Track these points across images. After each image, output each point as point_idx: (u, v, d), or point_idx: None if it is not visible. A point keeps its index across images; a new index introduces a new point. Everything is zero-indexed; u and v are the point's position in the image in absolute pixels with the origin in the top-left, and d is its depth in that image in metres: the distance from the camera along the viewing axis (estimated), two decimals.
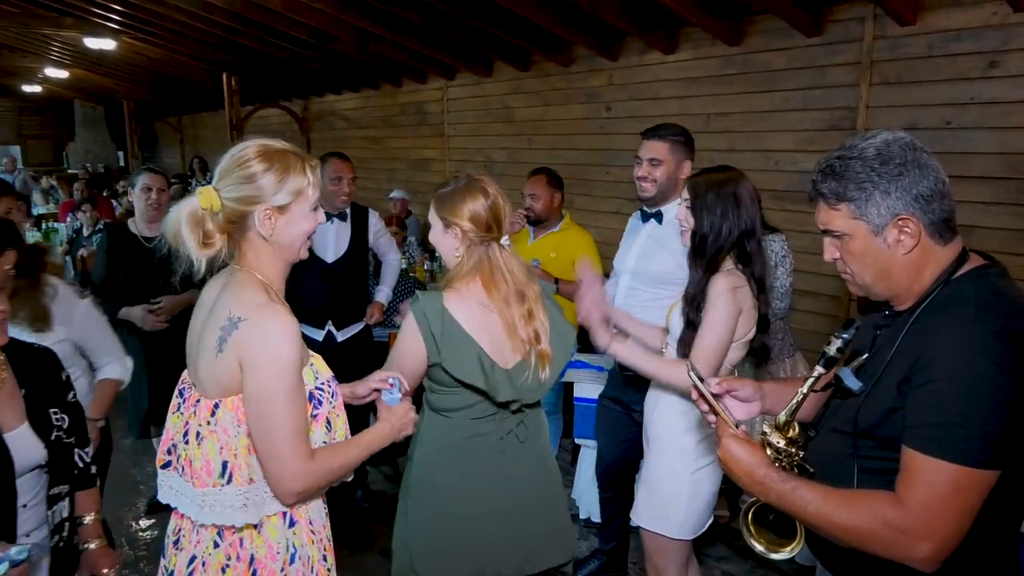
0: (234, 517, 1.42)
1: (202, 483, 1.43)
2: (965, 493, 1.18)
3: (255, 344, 1.38)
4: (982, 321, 1.21)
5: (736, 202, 2.14)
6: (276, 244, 1.47)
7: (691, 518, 2.24)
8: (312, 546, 1.51)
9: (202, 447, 1.44)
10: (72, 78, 13.43)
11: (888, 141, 1.32)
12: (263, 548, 1.45)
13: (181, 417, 1.51)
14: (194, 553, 1.48)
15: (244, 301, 1.41)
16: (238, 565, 1.43)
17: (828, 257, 1.42)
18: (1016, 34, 3.45)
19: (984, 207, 3.63)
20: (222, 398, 1.44)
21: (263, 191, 1.42)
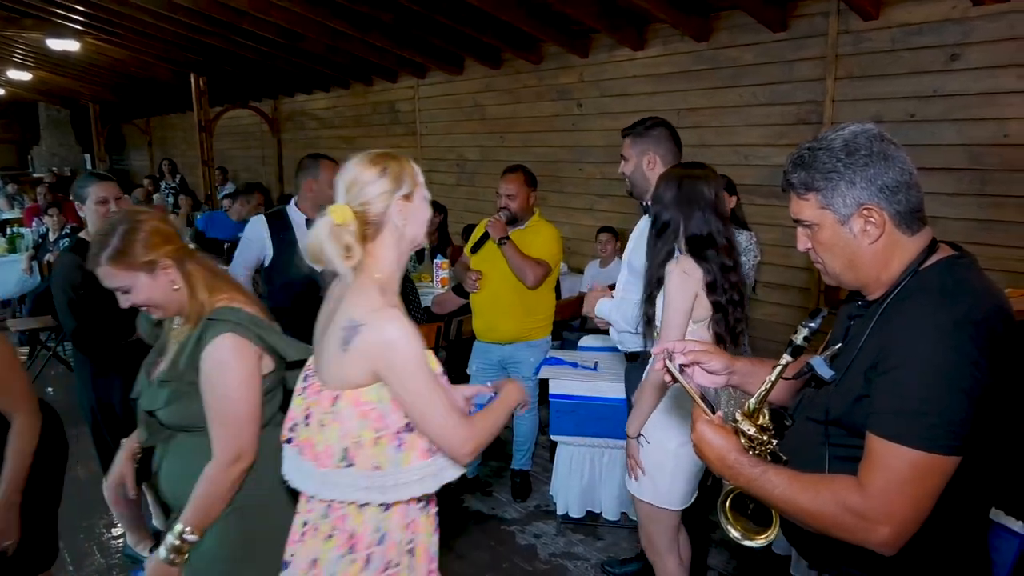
0: (355, 495, 1.61)
1: (323, 464, 1.61)
2: (924, 478, 1.19)
3: (384, 353, 1.54)
4: (945, 310, 1.22)
5: (689, 201, 2.26)
6: (408, 232, 1.67)
7: (676, 489, 2.38)
8: (401, 531, 1.67)
9: (324, 433, 1.61)
10: (35, 80, 13.15)
11: (856, 132, 1.34)
12: (361, 526, 1.64)
13: (304, 400, 1.68)
14: (307, 519, 1.69)
15: (361, 305, 1.57)
16: (340, 536, 1.64)
17: (801, 247, 1.44)
18: (976, 27, 3.52)
19: (947, 198, 3.70)
20: (342, 391, 1.59)
21: (388, 187, 1.62)
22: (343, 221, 1.57)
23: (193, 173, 11.02)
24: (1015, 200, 3.50)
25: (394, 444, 1.60)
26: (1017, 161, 3.46)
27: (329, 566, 1.63)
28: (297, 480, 1.67)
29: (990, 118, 3.53)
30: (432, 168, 7.76)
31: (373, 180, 1.61)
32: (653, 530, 2.46)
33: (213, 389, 1.77)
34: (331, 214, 1.58)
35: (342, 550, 1.63)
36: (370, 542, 1.64)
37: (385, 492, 1.61)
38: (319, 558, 1.65)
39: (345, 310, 1.59)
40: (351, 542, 1.63)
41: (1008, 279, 3.40)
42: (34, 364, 5.90)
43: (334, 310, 1.64)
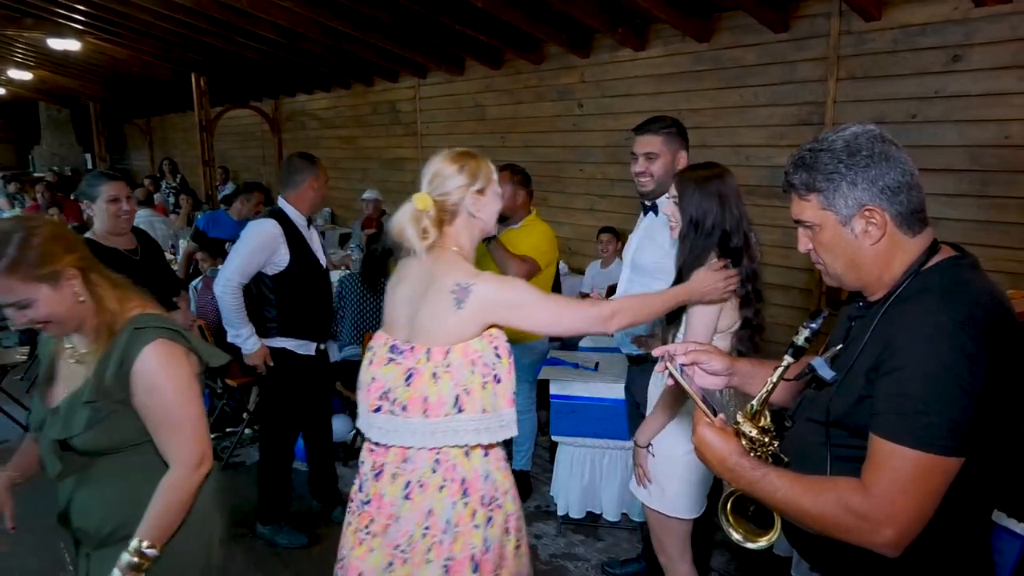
0: (469, 438, 1.82)
1: (434, 415, 1.81)
2: (927, 479, 1.19)
3: (501, 298, 1.83)
4: (948, 310, 1.22)
5: (720, 199, 2.19)
6: (479, 220, 1.95)
7: (686, 497, 2.33)
8: (499, 473, 1.93)
9: (437, 385, 1.80)
10: (36, 80, 13.15)
11: (857, 133, 1.34)
12: (471, 472, 1.86)
13: (399, 366, 1.85)
14: (409, 480, 1.85)
15: (463, 271, 1.85)
16: (452, 485, 1.84)
17: (802, 248, 1.44)
18: (978, 28, 3.51)
19: (948, 199, 3.70)
20: (453, 345, 1.80)
21: (465, 182, 1.90)
22: (424, 208, 1.87)
23: (194, 173, 11.02)
24: (1016, 201, 3.49)
25: (494, 391, 1.84)
26: (1018, 162, 3.46)
27: (444, 513, 1.83)
28: (400, 439, 1.85)
29: (991, 119, 3.53)
30: None
31: (452, 175, 1.91)
32: (665, 538, 2.41)
33: (159, 397, 1.69)
34: (415, 200, 1.87)
35: (455, 497, 1.84)
36: (480, 485, 1.87)
37: (492, 432, 1.84)
38: (433, 508, 1.84)
39: (444, 279, 1.83)
40: (464, 487, 1.85)
41: (1009, 280, 3.40)
42: (34, 365, 5.89)
43: (422, 285, 1.87)
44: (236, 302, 3.17)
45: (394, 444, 1.87)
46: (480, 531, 1.86)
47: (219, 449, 4.45)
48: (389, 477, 1.89)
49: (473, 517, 1.86)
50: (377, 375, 1.90)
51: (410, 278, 1.93)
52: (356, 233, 7.23)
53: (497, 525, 1.91)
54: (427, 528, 1.84)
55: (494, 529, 1.90)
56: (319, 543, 3.46)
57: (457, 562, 1.83)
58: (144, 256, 3.15)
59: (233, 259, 3.20)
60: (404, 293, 1.93)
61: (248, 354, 3.25)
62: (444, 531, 1.84)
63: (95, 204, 3.01)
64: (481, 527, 1.86)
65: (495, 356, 1.84)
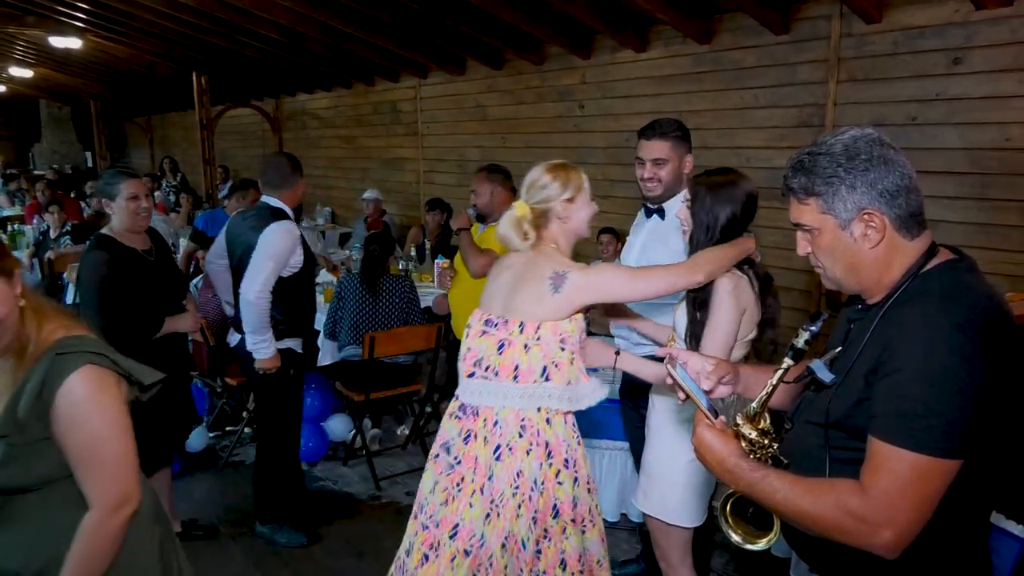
0: (552, 403, 2.09)
1: (524, 380, 2.09)
2: (926, 481, 1.19)
3: (592, 281, 2.09)
4: (946, 313, 1.22)
5: (733, 204, 2.20)
6: (570, 225, 2.21)
7: (688, 505, 2.32)
8: (575, 441, 2.19)
9: (528, 354, 2.09)
10: (37, 77, 13.17)
11: (856, 137, 1.34)
12: (554, 437, 2.13)
13: (493, 337, 2.13)
14: (499, 443, 2.11)
15: (560, 263, 2.13)
16: (537, 448, 2.10)
17: (801, 251, 1.44)
18: (978, 31, 3.52)
19: (949, 201, 3.70)
20: (544, 322, 2.08)
21: (557, 192, 2.16)
22: (522, 214, 2.16)
23: (194, 172, 11.02)
24: (1016, 204, 3.50)
25: (578, 367, 2.13)
26: (1018, 165, 3.47)
27: (532, 474, 2.10)
28: (491, 400, 2.12)
29: (992, 122, 3.53)
30: (433, 168, 7.77)
31: (546, 185, 2.17)
32: (665, 544, 2.41)
33: (83, 432, 1.50)
34: (515, 208, 2.17)
35: (541, 458, 2.11)
36: (563, 449, 2.14)
37: (573, 402, 2.13)
38: (522, 470, 2.10)
39: (543, 268, 2.12)
40: (548, 450, 2.12)
41: (1009, 283, 3.40)
42: None
43: (522, 272, 2.16)
44: (268, 308, 3.12)
45: (484, 404, 2.14)
46: (563, 488, 2.14)
47: (218, 448, 4.45)
48: (481, 441, 2.13)
49: (557, 476, 2.14)
50: (472, 346, 2.19)
51: (513, 267, 2.21)
52: (357, 233, 7.23)
53: (581, 485, 2.19)
54: (517, 487, 2.10)
55: (580, 488, 2.18)
56: (318, 542, 3.46)
57: (542, 513, 2.12)
58: (158, 256, 3.14)
59: (266, 264, 3.09)
60: (505, 278, 2.21)
61: (263, 359, 3.18)
62: (532, 489, 2.10)
63: (114, 202, 2.97)
64: (566, 484, 2.15)
65: (578, 339, 2.12)
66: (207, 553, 3.37)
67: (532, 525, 2.10)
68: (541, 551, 2.16)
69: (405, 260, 5.75)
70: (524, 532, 2.10)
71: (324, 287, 4.80)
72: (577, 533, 2.18)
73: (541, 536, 2.14)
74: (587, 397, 2.16)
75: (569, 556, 2.17)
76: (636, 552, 3.30)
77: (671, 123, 2.74)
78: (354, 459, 4.32)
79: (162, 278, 3.14)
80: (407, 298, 4.31)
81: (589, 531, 2.23)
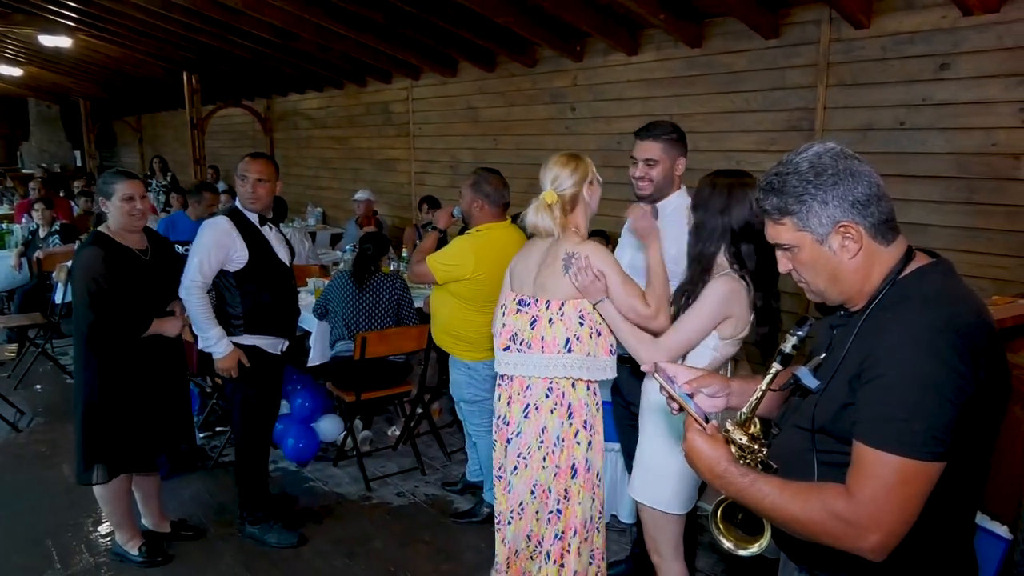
0: (573, 372, 2.40)
1: (550, 351, 2.40)
2: (910, 485, 1.22)
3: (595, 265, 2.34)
4: (926, 317, 1.25)
5: (730, 204, 2.22)
6: (591, 205, 2.54)
7: (680, 493, 2.36)
8: (595, 408, 2.49)
9: (552, 328, 2.40)
10: (26, 76, 13.07)
11: (819, 153, 1.37)
12: (576, 400, 2.44)
13: (527, 315, 2.46)
14: (527, 403, 2.46)
15: (574, 244, 2.41)
16: (561, 408, 2.43)
17: (782, 269, 1.47)
18: (966, 37, 3.56)
19: (935, 206, 3.74)
20: (567, 300, 2.40)
21: (580, 178, 2.48)
22: (552, 202, 2.44)
23: (184, 172, 10.98)
24: (1002, 209, 3.54)
25: (596, 341, 2.40)
26: (1004, 170, 3.51)
27: (554, 430, 2.43)
28: (522, 371, 2.46)
29: (978, 127, 3.57)
30: (425, 170, 7.77)
31: (572, 174, 2.47)
32: (658, 535, 2.44)
33: None
34: (544, 197, 2.44)
35: (563, 418, 2.43)
36: (584, 412, 2.44)
37: (593, 372, 2.41)
38: (546, 427, 2.44)
39: (560, 251, 2.40)
40: (570, 411, 2.43)
41: (994, 287, 3.44)
42: (22, 361, 5.87)
43: (546, 254, 2.47)
44: (202, 304, 3.14)
45: (518, 375, 2.47)
46: (581, 447, 2.44)
47: (208, 448, 4.44)
48: (515, 403, 2.50)
49: (575, 436, 2.44)
50: (508, 322, 2.51)
51: (538, 251, 2.52)
52: (349, 234, 7.23)
53: (595, 449, 2.47)
54: (541, 442, 2.44)
55: (593, 452, 2.46)
56: (308, 543, 3.46)
57: (562, 470, 2.44)
58: (153, 256, 3.15)
59: (192, 260, 3.15)
60: (533, 261, 2.51)
61: (219, 358, 3.19)
62: (554, 444, 2.43)
63: (110, 201, 3.03)
64: (582, 444, 2.44)
65: (599, 314, 2.38)
66: (197, 553, 3.37)
67: (554, 478, 2.44)
68: (561, 511, 2.47)
69: (397, 261, 5.75)
70: (549, 480, 2.45)
71: (316, 287, 4.81)
72: (588, 498, 2.47)
73: (562, 495, 2.45)
74: (609, 369, 2.44)
75: (579, 522, 2.48)
76: (626, 553, 3.31)
77: (666, 125, 2.79)
78: (344, 460, 4.32)
79: (155, 278, 3.14)
80: (398, 296, 4.31)
81: (598, 497, 2.53)
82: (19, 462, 4.33)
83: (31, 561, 3.31)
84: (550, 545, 2.50)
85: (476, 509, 3.69)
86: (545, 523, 2.51)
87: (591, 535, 2.55)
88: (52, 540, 3.47)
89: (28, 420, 4.90)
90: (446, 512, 3.78)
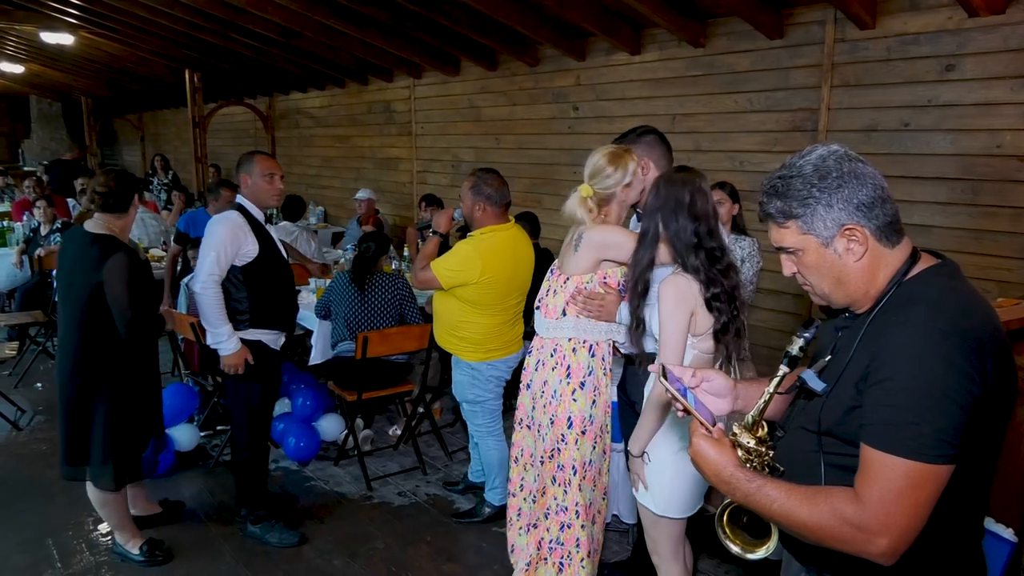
0: (566, 332, 2.65)
1: (550, 316, 2.68)
2: (919, 488, 1.21)
3: (602, 238, 2.55)
4: (932, 320, 1.24)
5: (676, 205, 2.23)
6: (627, 201, 2.62)
7: (677, 496, 2.34)
8: (600, 371, 2.69)
9: (555, 298, 2.67)
10: (28, 73, 13.08)
11: (823, 156, 1.36)
12: (575, 362, 2.66)
13: (549, 282, 2.73)
14: (539, 359, 2.74)
15: (588, 225, 2.56)
16: (560, 368, 2.67)
17: (786, 272, 1.45)
18: (971, 38, 3.55)
19: (940, 207, 3.73)
20: (572, 275, 2.62)
21: (619, 179, 2.54)
22: (587, 195, 2.56)
23: (186, 170, 10.97)
24: (1007, 210, 3.53)
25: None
26: (1009, 172, 3.50)
27: (554, 385, 2.68)
28: (538, 328, 2.74)
29: (983, 129, 3.56)
30: (427, 169, 7.76)
31: (610, 175, 2.53)
32: (657, 537, 2.44)
33: None
34: (580, 191, 2.57)
35: (562, 376, 2.67)
36: (581, 372, 2.65)
37: (585, 332, 2.64)
38: (548, 380, 2.69)
39: (579, 232, 2.60)
40: (568, 371, 2.66)
41: (999, 288, 3.43)
42: (23, 359, 5.86)
43: (573, 233, 2.64)
44: (217, 299, 3.16)
45: (538, 333, 2.75)
46: (577, 404, 2.65)
47: (209, 447, 4.43)
48: (532, 355, 2.79)
49: (572, 394, 2.65)
50: (542, 288, 2.77)
51: (572, 237, 2.68)
52: (351, 233, 7.21)
53: (599, 407, 2.68)
54: (543, 392, 2.70)
55: (597, 409, 2.67)
56: (309, 543, 3.45)
57: (559, 419, 2.67)
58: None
59: (208, 254, 3.15)
60: (567, 241, 2.71)
61: (227, 355, 3.20)
62: (552, 397, 2.67)
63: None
64: (579, 401, 2.65)
65: (598, 288, 2.58)
66: (197, 552, 3.36)
67: (551, 424, 2.68)
68: (560, 450, 2.69)
69: (399, 261, 5.74)
70: (547, 425, 2.70)
71: (318, 287, 4.80)
72: (587, 445, 2.67)
73: (559, 439, 2.67)
74: (604, 331, 2.65)
75: (577, 463, 2.67)
76: (627, 554, 3.30)
77: (634, 129, 2.77)
78: (346, 459, 4.31)
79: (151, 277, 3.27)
80: (400, 296, 4.30)
81: (598, 446, 2.71)
82: (19, 461, 4.32)
83: (31, 561, 3.30)
84: (547, 481, 2.74)
85: (477, 509, 3.68)
86: (546, 462, 2.73)
87: (592, 475, 2.72)
88: (52, 539, 3.46)
89: (29, 418, 4.89)
90: (447, 512, 3.77)
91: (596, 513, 2.80)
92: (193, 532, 3.53)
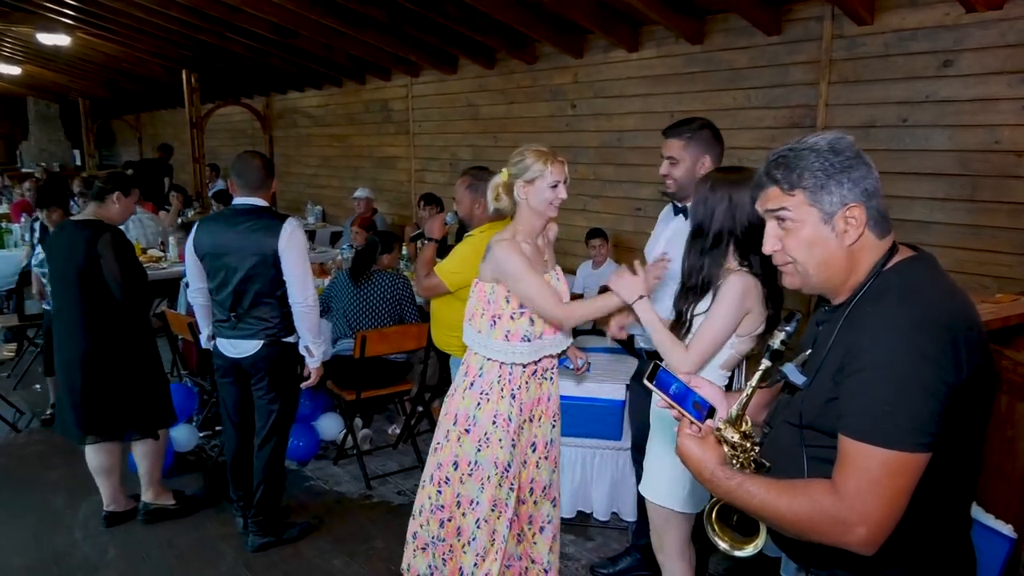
0: (467, 341, 2.70)
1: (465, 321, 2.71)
2: (896, 477, 1.21)
3: (500, 263, 2.53)
4: (905, 311, 1.25)
5: (730, 201, 2.17)
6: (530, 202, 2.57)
7: (687, 491, 2.32)
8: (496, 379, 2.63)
9: (468, 303, 2.70)
10: (24, 74, 13.06)
11: (838, 137, 1.38)
12: (474, 364, 2.67)
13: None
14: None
15: (498, 237, 2.59)
16: (463, 365, 2.73)
17: (768, 247, 1.44)
18: (968, 34, 3.54)
19: (938, 203, 3.73)
20: (480, 283, 2.64)
21: (519, 171, 2.57)
22: (502, 180, 2.63)
23: (183, 170, 10.96)
24: (1004, 206, 3.53)
25: (489, 322, 2.60)
26: (1007, 167, 3.49)
27: (458, 378, 2.75)
28: None
29: (981, 124, 3.56)
30: (425, 167, 7.76)
31: (521, 162, 2.60)
32: (665, 534, 2.42)
33: None
34: (500, 175, 2.63)
35: (462, 373, 2.72)
36: (474, 373, 2.67)
37: (479, 347, 2.64)
38: (456, 373, 2.78)
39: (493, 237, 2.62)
40: (466, 369, 2.70)
41: (997, 284, 3.43)
42: (22, 361, 5.85)
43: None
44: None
45: None
46: (464, 402, 2.66)
47: (208, 448, 4.43)
48: None
49: (464, 391, 2.68)
50: None
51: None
52: (347, 232, 7.21)
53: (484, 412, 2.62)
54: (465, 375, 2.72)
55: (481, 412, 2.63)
56: (309, 542, 3.45)
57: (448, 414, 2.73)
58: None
59: (306, 270, 3.19)
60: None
61: (317, 366, 3.30)
62: (452, 392, 2.74)
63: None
64: (466, 399, 2.66)
65: (504, 301, 2.56)
66: (197, 552, 3.36)
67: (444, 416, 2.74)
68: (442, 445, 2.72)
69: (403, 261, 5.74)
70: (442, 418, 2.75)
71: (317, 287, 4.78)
72: (470, 445, 2.64)
73: (444, 434, 2.71)
74: (494, 352, 2.60)
75: (460, 459, 2.67)
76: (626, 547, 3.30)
77: (693, 122, 2.71)
78: (345, 458, 4.31)
79: None
80: (399, 295, 4.29)
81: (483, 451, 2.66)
82: (19, 462, 4.32)
83: (31, 561, 3.30)
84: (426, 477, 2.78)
85: None
86: (431, 455, 2.78)
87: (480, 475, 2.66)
88: (52, 540, 3.46)
89: (28, 420, 4.89)
90: None
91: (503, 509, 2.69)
92: (193, 532, 3.53)
